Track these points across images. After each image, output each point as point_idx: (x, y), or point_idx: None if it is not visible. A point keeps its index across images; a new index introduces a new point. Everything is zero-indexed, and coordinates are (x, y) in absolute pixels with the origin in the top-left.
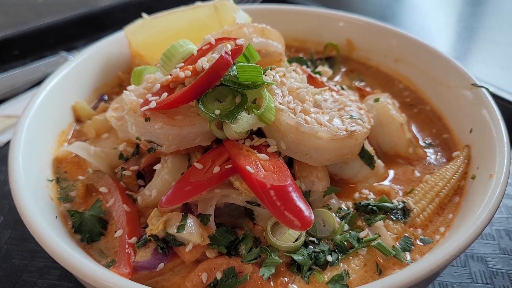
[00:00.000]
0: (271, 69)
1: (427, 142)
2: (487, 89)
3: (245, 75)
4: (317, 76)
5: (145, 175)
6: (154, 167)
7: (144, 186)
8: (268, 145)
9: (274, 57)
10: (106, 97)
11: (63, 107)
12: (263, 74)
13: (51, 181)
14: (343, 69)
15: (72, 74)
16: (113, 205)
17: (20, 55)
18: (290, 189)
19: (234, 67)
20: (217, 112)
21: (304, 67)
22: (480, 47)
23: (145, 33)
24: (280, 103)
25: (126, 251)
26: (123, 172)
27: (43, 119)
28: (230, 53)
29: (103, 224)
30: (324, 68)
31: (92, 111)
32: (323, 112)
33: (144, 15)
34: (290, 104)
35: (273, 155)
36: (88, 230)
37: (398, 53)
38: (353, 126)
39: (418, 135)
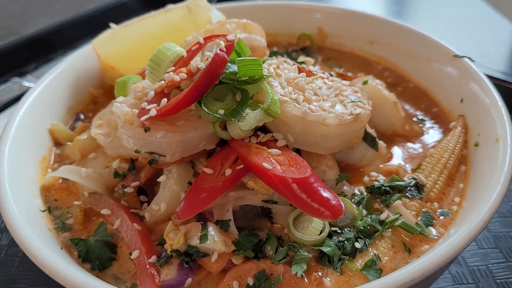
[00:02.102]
0: (263, 62)
1: (419, 117)
2: (470, 58)
3: (246, 70)
4: (304, 66)
5: (147, 190)
6: (158, 179)
7: (148, 202)
8: (276, 140)
9: (258, 51)
10: (82, 116)
11: (39, 132)
12: (264, 62)
13: (43, 211)
14: (320, 58)
15: (42, 96)
16: (120, 226)
17: None
18: (312, 180)
19: (230, 63)
20: (221, 112)
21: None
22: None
23: (114, 43)
24: (282, 95)
25: (149, 271)
26: (125, 190)
27: (21, 148)
28: (224, 49)
29: (112, 248)
30: (306, 58)
31: (70, 132)
32: (324, 100)
33: (112, 25)
34: (292, 94)
35: (284, 148)
36: (97, 257)
37: (372, 36)
38: (356, 109)
39: (409, 113)
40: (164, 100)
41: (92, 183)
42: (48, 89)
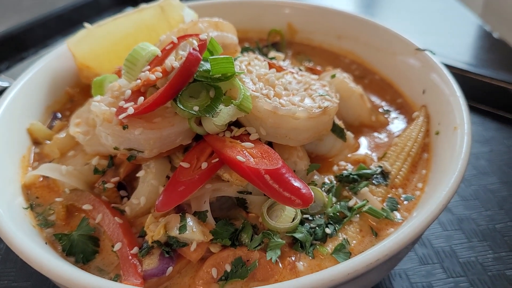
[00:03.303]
0: (235, 60)
1: (385, 108)
2: (431, 51)
3: (218, 68)
4: (274, 61)
5: (126, 185)
6: (138, 174)
7: (127, 197)
8: (249, 134)
9: (230, 48)
10: (59, 115)
11: (18, 132)
12: (236, 59)
13: (26, 209)
14: (290, 53)
15: (20, 96)
16: (102, 221)
17: None
18: (284, 170)
19: (203, 62)
20: (196, 108)
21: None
22: (393, 16)
23: (89, 43)
24: (253, 91)
25: (132, 262)
26: (105, 186)
27: (1, 149)
28: (198, 49)
29: (94, 242)
30: (276, 54)
31: (49, 131)
32: (293, 94)
33: (87, 24)
34: (263, 90)
35: (257, 142)
36: (81, 250)
37: (339, 31)
38: (324, 102)
39: (375, 104)
40: (141, 98)
41: (73, 180)
42: (25, 89)
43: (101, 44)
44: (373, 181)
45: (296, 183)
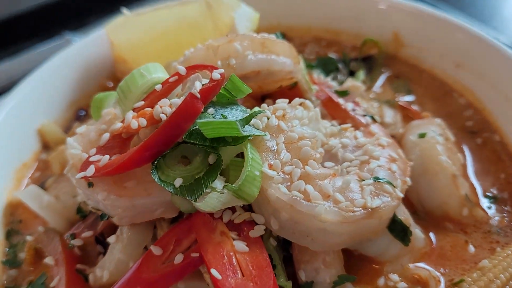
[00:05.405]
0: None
1: (491, 195)
2: None
3: (214, 133)
4: (340, 101)
5: (104, 241)
6: (108, 239)
7: (104, 253)
8: (254, 223)
9: (280, 77)
10: (83, 113)
11: (26, 131)
12: (253, 117)
13: None
14: (386, 74)
15: (40, 86)
16: (57, 287)
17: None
18: None
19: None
20: (178, 182)
21: (329, 79)
22: None
23: (127, 33)
24: (270, 166)
25: None
26: (72, 242)
27: None
28: (198, 95)
29: None
30: (355, 83)
31: (64, 135)
32: (335, 174)
33: (125, 11)
34: (286, 166)
35: (256, 244)
36: None
37: (462, 55)
38: (376, 197)
39: (477, 183)
40: (106, 157)
41: (52, 216)
42: (47, 77)
43: (139, 37)
44: None
45: None
